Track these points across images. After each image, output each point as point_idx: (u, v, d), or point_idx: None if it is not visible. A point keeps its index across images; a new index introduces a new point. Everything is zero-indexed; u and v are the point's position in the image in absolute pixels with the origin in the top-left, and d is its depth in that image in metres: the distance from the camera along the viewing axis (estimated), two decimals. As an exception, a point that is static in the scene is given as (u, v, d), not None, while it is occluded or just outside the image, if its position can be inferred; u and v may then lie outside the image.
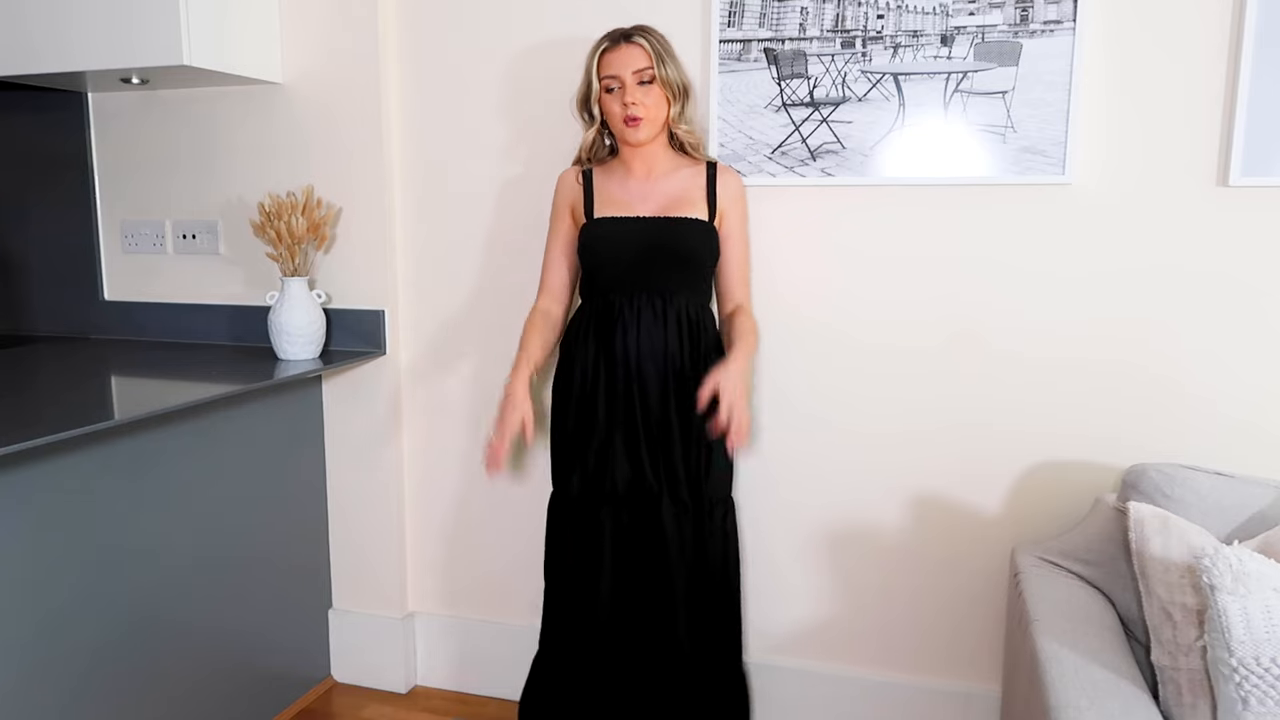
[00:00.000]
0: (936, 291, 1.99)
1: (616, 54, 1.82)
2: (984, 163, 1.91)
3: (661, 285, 1.86)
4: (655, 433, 1.87)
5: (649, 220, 1.88)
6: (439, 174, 2.28)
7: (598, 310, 1.90)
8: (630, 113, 1.82)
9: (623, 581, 1.90)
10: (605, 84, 1.84)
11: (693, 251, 1.88)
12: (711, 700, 1.95)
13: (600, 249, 1.89)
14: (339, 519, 2.45)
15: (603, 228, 1.89)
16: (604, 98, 1.85)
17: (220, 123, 2.37)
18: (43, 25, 2.09)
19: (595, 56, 1.85)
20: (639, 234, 1.87)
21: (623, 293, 1.87)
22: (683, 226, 1.87)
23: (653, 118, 1.85)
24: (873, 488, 2.09)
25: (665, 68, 1.83)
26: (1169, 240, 1.85)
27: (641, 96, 1.82)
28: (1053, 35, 1.83)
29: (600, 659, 1.93)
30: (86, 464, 1.78)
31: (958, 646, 2.08)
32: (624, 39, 1.83)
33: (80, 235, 2.53)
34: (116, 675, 1.86)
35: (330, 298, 2.32)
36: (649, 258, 1.86)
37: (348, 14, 2.22)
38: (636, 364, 1.85)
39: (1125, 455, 1.90)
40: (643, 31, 1.84)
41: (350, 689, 2.47)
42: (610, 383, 1.87)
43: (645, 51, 1.82)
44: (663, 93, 1.84)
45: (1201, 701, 1.40)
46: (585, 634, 1.93)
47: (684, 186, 1.90)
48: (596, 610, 1.91)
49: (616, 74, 1.82)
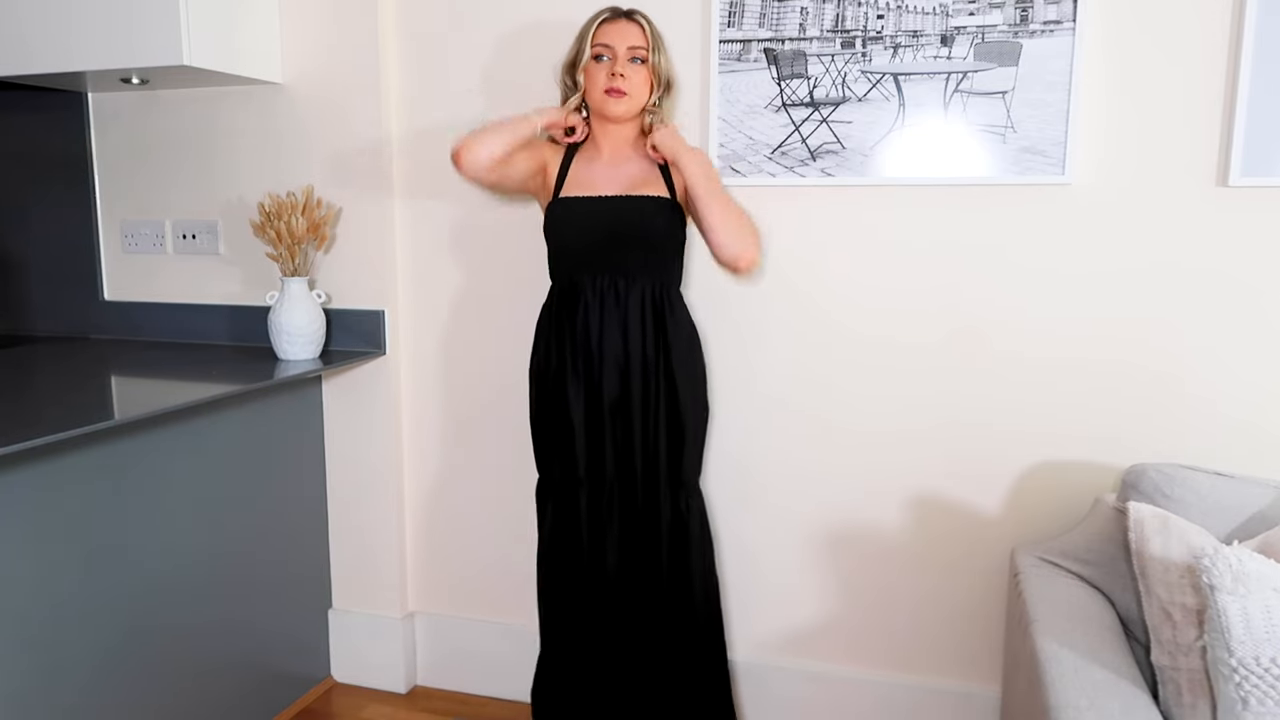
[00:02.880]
0: (936, 292, 1.99)
1: (615, 26, 1.84)
2: (984, 163, 1.91)
3: (624, 266, 1.87)
4: (614, 417, 1.88)
5: (611, 199, 1.88)
6: (439, 174, 2.27)
7: (562, 290, 1.92)
8: (615, 84, 1.83)
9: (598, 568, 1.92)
10: (596, 51, 1.85)
11: (652, 228, 1.87)
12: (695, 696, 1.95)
13: (563, 229, 1.90)
14: (339, 519, 2.45)
15: (565, 207, 1.90)
16: (590, 65, 1.86)
17: (220, 123, 2.37)
18: (43, 25, 2.09)
19: (593, 24, 1.86)
20: (601, 214, 1.87)
21: (586, 273, 1.88)
22: (644, 204, 1.87)
23: (635, 97, 1.85)
24: (872, 488, 2.09)
25: (658, 54, 1.86)
26: (1169, 240, 1.85)
27: (631, 72, 1.84)
28: (1053, 35, 1.83)
29: (588, 646, 1.95)
30: (86, 464, 1.78)
31: (958, 646, 2.08)
32: (624, 15, 1.86)
33: (80, 235, 2.53)
34: (116, 675, 1.86)
35: (330, 298, 2.32)
36: (610, 237, 1.87)
37: (348, 14, 2.22)
38: (598, 346, 1.87)
39: (1125, 455, 1.90)
40: (642, 14, 1.87)
41: (350, 689, 2.47)
42: (574, 365, 1.89)
43: (643, 31, 1.85)
44: (649, 76, 1.86)
45: (1201, 701, 1.40)
46: (572, 621, 1.96)
47: (645, 169, 1.92)
48: (579, 597, 1.94)
49: (611, 44, 1.83)
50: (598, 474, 1.91)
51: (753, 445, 2.14)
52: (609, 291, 1.86)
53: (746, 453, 2.15)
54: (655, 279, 1.89)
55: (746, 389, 2.13)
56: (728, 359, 2.12)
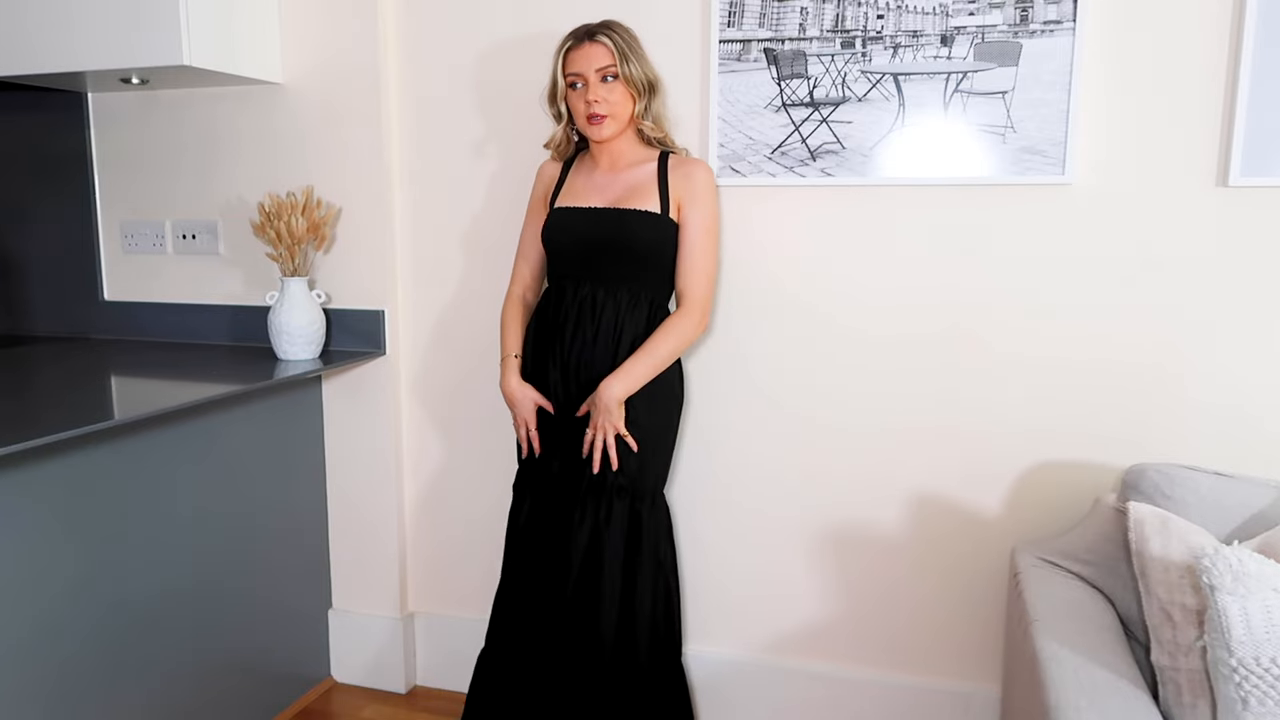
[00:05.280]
0: (936, 292, 1.99)
1: (580, 52, 1.83)
2: (984, 163, 1.91)
3: (606, 276, 1.88)
4: (571, 422, 1.91)
5: (597, 211, 1.90)
6: (439, 174, 2.28)
7: (550, 294, 1.97)
8: (593, 110, 1.83)
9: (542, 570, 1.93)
10: (570, 80, 1.85)
11: (634, 242, 1.87)
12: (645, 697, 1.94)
13: (551, 237, 1.94)
14: (339, 519, 2.45)
15: (556, 217, 1.94)
16: (569, 94, 1.86)
17: (220, 123, 2.37)
18: (43, 25, 2.09)
19: (560, 54, 1.85)
20: (586, 225, 1.90)
21: (570, 280, 1.92)
22: (628, 218, 1.87)
23: (616, 115, 1.85)
24: (872, 489, 2.09)
25: (629, 65, 1.83)
26: (1169, 240, 1.85)
27: (605, 94, 1.83)
28: (1052, 35, 1.83)
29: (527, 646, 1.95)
30: (86, 464, 1.78)
31: (958, 646, 2.08)
32: (588, 37, 1.83)
33: (80, 235, 2.53)
34: (116, 675, 1.86)
35: (330, 298, 2.32)
36: (594, 248, 1.89)
37: (348, 14, 2.22)
38: (574, 353, 1.89)
39: (1125, 455, 1.89)
40: (607, 29, 1.83)
41: (350, 689, 2.47)
42: (550, 369, 1.92)
43: (608, 50, 1.82)
44: (627, 90, 1.85)
45: (1201, 701, 1.40)
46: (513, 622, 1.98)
47: (641, 179, 1.91)
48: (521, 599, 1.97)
49: (580, 72, 1.83)
50: (546, 473, 1.94)
51: (751, 445, 2.14)
52: (587, 300, 1.89)
53: (746, 453, 2.15)
54: (637, 290, 1.89)
55: (744, 389, 2.13)
56: (724, 361, 2.12)
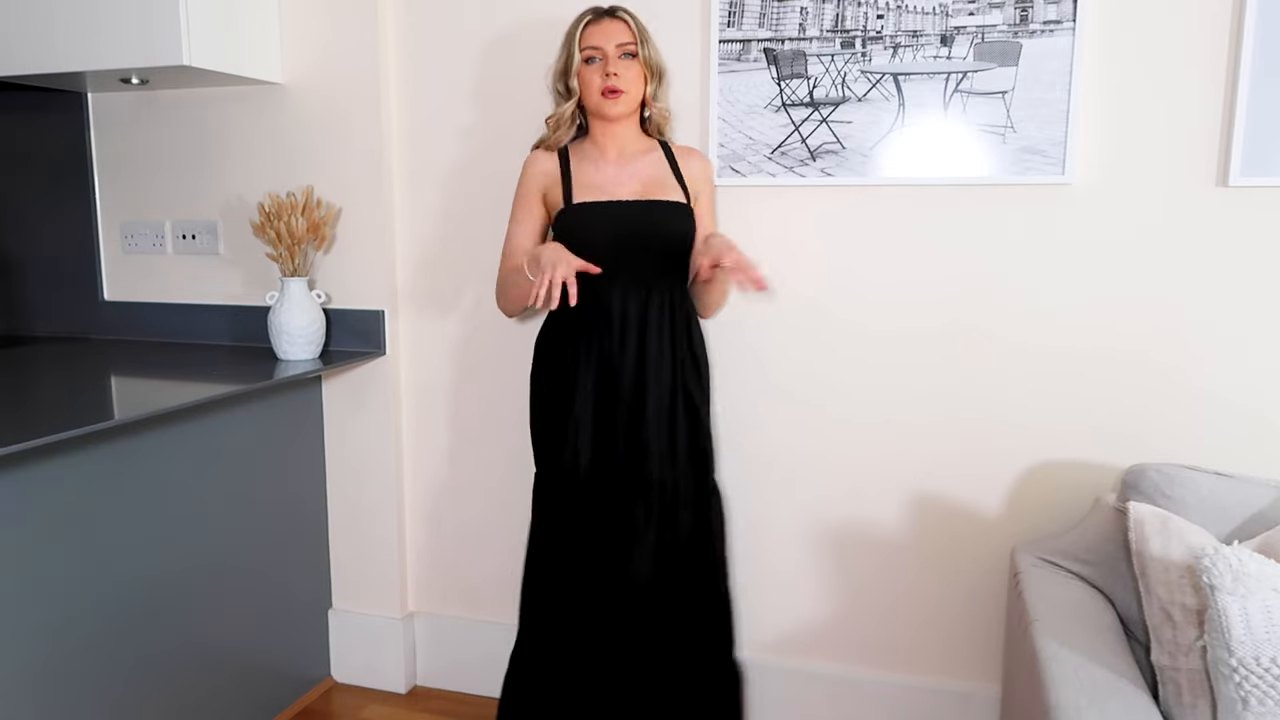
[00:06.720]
0: (936, 292, 1.99)
1: (600, 27, 1.84)
2: (984, 163, 1.91)
3: (646, 272, 1.84)
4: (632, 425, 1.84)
5: (631, 204, 1.85)
6: (439, 174, 2.28)
7: (582, 300, 1.77)
8: (611, 84, 1.82)
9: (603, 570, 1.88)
10: (586, 54, 1.84)
11: (677, 234, 1.86)
12: (703, 695, 1.94)
13: (583, 236, 1.81)
14: (339, 519, 2.45)
15: (580, 213, 1.84)
16: (583, 69, 1.85)
17: (220, 123, 2.37)
18: (43, 25, 2.09)
19: (579, 28, 1.85)
20: (621, 218, 1.83)
21: (603, 279, 1.78)
22: (667, 209, 1.86)
23: (631, 93, 1.85)
24: (872, 489, 2.09)
25: (646, 47, 1.86)
26: (1169, 240, 1.85)
27: (623, 69, 1.83)
28: (1052, 35, 1.83)
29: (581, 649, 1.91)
30: (86, 464, 1.78)
31: (958, 646, 2.08)
32: (607, 14, 1.86)
33: (80, 235, 2.53)
34: (116, 675, 1.86)
35: (330, 298, 2.32)
36: (633, 243, 1.82)
37: (348, 14, 2.22)
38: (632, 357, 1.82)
39: (1125, 455, 1.90)
40: (625, 9, 1.87)
41: (350, 689, 2.47)
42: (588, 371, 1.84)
43: (629, 27, 1.84)
44: (642, 70, 1.86)
45: (1201, 701, 1.40)
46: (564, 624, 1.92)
47: (656, 169, 1.90)
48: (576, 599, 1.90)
49: (599, 45, 1.83)
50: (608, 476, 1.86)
51: (749, 446, 2.14)
52: (633, 300, 1.82)
53: (744, 452, 2.15)
54: (673, 285, 1.88)
55: (742, 388, 2.13)
56: (727, 357, 2.12)
